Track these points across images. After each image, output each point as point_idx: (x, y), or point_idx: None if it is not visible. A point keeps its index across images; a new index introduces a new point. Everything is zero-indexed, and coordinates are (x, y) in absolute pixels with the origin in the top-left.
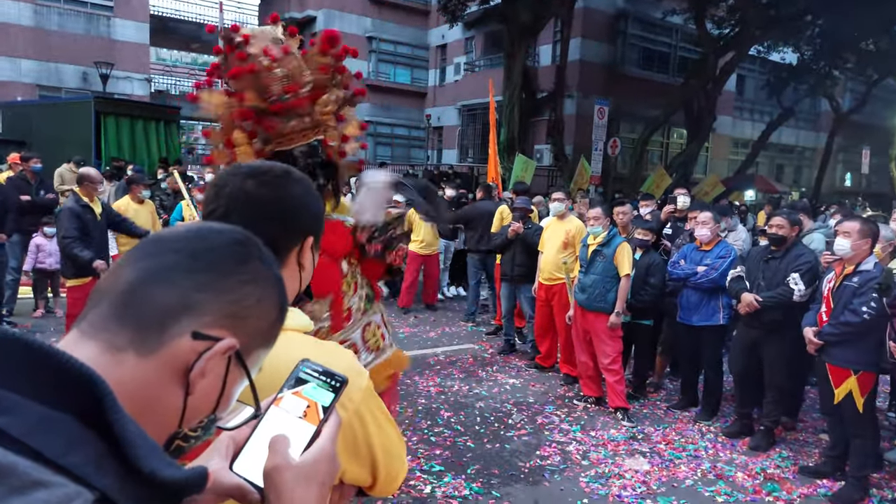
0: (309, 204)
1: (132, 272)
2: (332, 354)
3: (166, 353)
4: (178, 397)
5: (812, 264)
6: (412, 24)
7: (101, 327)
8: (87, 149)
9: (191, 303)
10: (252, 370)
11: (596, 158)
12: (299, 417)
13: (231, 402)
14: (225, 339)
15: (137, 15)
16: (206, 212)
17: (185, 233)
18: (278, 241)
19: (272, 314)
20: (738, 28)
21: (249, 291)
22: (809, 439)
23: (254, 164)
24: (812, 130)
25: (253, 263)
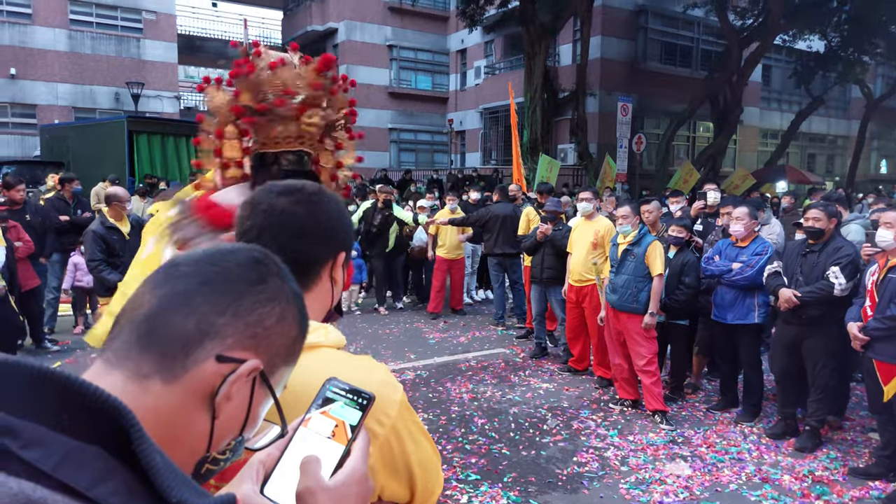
0: (341, 221)
1: (151, 299)
2: (366, 369)
3: (192, 378)
4: (205, 422)
5: (852, 257)
6: (432, 30)
7: (126, 356)
8: (121, 167)
9: (212, 326)
10: (277, 389)
11: (621, 156)
12: (328, 437)
13: (258, 422)
14: (249, 360)
15: (166, 35)
16: (241, 229)
17: (201, 256)
18: (313, 257)
19: (293, 331)
20: (762, 18)
21: (269, 310)
22: (858, 439)
23: (288, 182)
24: (843, 118)
25: (271, 281)
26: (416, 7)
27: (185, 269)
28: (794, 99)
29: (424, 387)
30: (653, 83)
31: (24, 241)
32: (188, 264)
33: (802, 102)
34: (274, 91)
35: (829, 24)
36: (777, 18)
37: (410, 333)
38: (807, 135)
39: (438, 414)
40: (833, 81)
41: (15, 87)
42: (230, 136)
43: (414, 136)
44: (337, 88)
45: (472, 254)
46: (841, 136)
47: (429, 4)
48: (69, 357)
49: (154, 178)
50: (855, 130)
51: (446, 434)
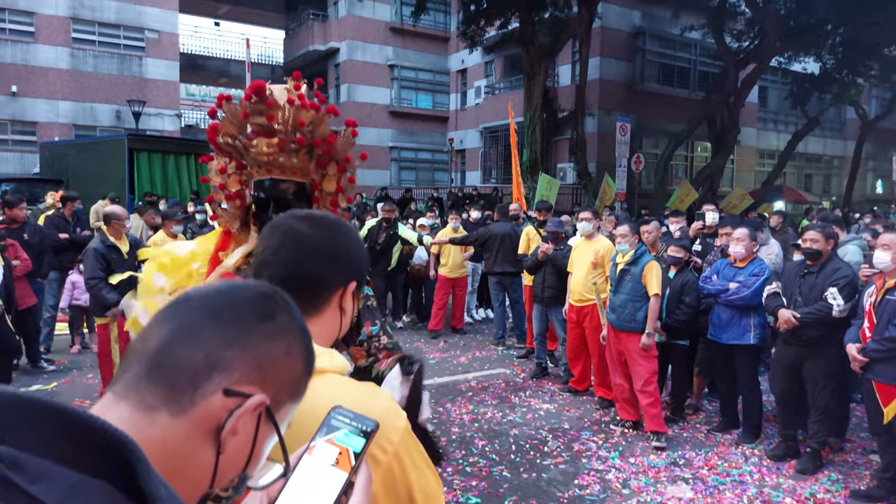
0: (356, 251)
1: (161, 332)
2: (370, 395)
3: (199, 411)
4: (210, 456)
5: (850, 278)
6: (432, 50)
7: (134, 388)
8: (121, 185)
9: (220, 360)
10: (281, 426)
11: (620, 175)
12: (332, 465)
13: (261, 459)
14: (255, 395)
15: (168, 54)
16: (260, 248)
17: (211, 290)
18: (325, 280)
19: (299, 366)
20: (758, 40)
21: (277, 345)
22: (859, 461)
23: (310, 211)
24: (839, 139)
25: (279, 317)
26: (417, 28)
27: (195, 303)
28: (791, 120)
29: None
30: (651, 104)
31: (21, 260)
32: (198, 298)
33: (799, 123)
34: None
35: (824, 46)
36: (773, 41)
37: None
38: (803, 155)
39: (438, 436)
40: (828, 103)
41: (16, 104)
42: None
43: (414, 155)
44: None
45: (473, 272)
46: (837, 156)
47: (430, 25)
48: (65, 377)
49: (154, 195)
50: (850, 151)
51: (446, 456)
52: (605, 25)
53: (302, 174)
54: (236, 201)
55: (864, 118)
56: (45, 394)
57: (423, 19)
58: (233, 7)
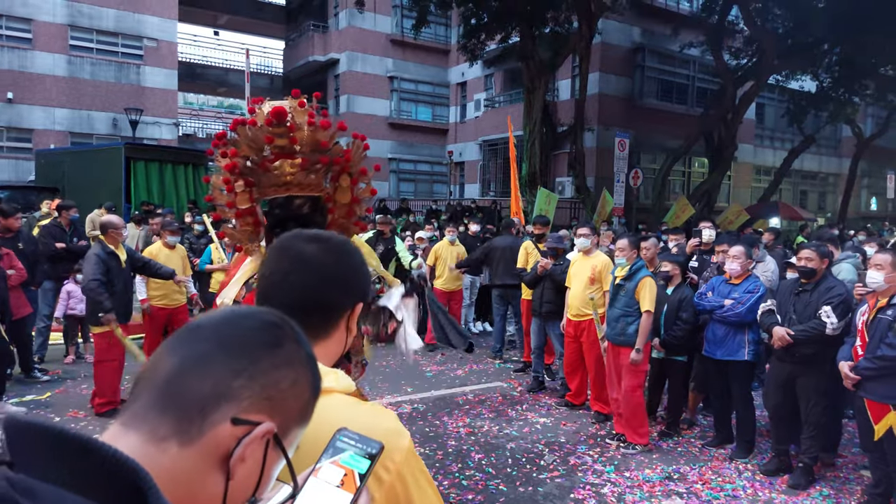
0: (364, 273)
1: (171, 362)
2: (375, 415)
3: (208, 440)
4: (219, 484)
5: (844, 296)
6: (432, 63)
7: (143, 418)
8: (117, 194)
9: (229, 389)
10: (289, 450)
11: (618, 190)
12: (337, 486)
13: (270, 483)
14: (263, 423)
15: (166, 62)
16: (267, 272)
17: (219, 320)
18: (336, 304)
19: (306, 394)
20: (756, 58)
21: (284, 374)
22: (851, 476)
23: (315, 231)
24: (835, 156)
25: (287, 346)
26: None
27: (204, 333)
28: (787, 137)
29: (421, 420)
30: (649, 119)
31: (16, 269)
32: (206, 327)
33: (795, 140)
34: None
35: (821, 65)
36: (770, 59)
37: (407, 366)
38: (799, 172)
39: (435, 449)
40: (824, 121)
41: (12, 111)
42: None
43: (413, 167)
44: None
45: (471, 285)
46: (832, 173)
47: (430, 38)
48: (59, 387)
49: (151, 205)
50: (846, 168)
51: (443, 469)
52: (605, 41)
53: (317, 189)
54: (247, 218)
55: (859, 136)
56: (38, 404)
57: (423, 32)
58: (232, 17)
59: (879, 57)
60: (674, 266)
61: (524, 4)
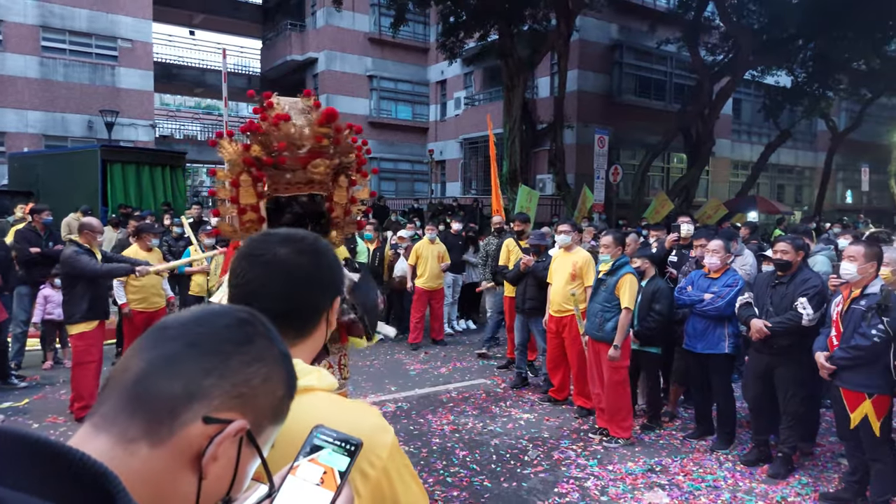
0: (338, 267)
1: (139, 363)
2: (359, 413)
3: (178, 440)
4: (191, 484)
5: (819, 288)
6: (412, 61)
7: (113, 420)
8: (93, 197)
9: (199, 388)
10: (264, 448)
11: (598, 186)
12: (316, 484)
13: (245, 482)
14: (235, 420)
15: (141, 63)
16: (241, 280)
17: (188, 318)
18: (317, 305)
19: (280, 391)
20: (732, 54)
21: (255, 371)
22: (828, 464)
23: (287, 231)
24: (810, 150)
25: (258, 342)
26: (396, 39)
27: (173, 332)
28: (764, 132)
29: (405, 419)
30: (628, 116)
31: None
32: (175, 327)
33: (771, 135)
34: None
35: (796, 60)
36: (746, 55)
37: (391, 365)
38: (776, 166)
39: (420, 446)
40: (800, 115)
41: None
42: (245, 183)
43: (394, 166)
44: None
45: (453, 283)
46: (808, 167)
47: (409, 36)
48: (37, 393)
49: (128, 208)
50: (821, 162)
51: (427, 467)
52: (583, 38)
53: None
54: (251, 214)
55: (833, 130)
56: (16, 410)
57: (402, 30)
58: (208, 16)
59: (852, 52)
60: (644, 261)
61: (502, 2)
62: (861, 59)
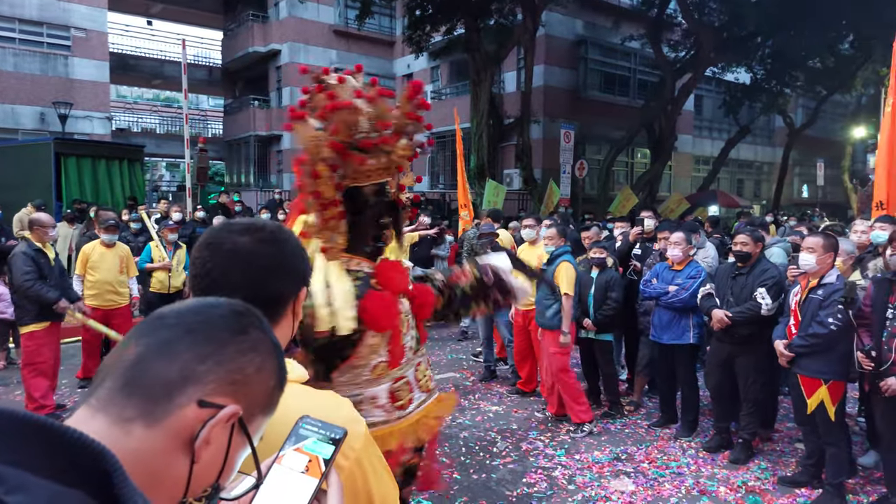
0: (303, 256)
1: (136, 348)
2: (333, 403)
3: (173, 422)
4: (184, 466)
5: (777, 278)
6: (377, 54)
7: (109, 401)
8: (47, 191)
9: (194, 373)
10: (254, 437)
11: (564, 181)
12: (301, 472)
13: (234, 469)
14: (229, 405)
15: (96, 53)
16: (202, 270)
17: (185, 308)
18: (282, 294)
19: (272, 381)
20: (693, 51)
21: (250, 360)
22: (786, 449)
23: (245, 221)
24: (769, 146)
25: (253, 333)
26: (361, 31)
27: (169, 321)
28: (724, 127)
29: None
30: (593, 111)
31: None
32: (172, 316)
33: (731, 131)
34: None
35: (755, 57)
36: (707, 52)
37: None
38: (736, 161)
39: None
40: (758, 111)
41: None
42: (324, 174)
43: None
44: (421, 117)
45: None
46: (767, 162)
47: (375, 29)
48: None
49: (83, 203)
50: (779, 157)
51: None
52: (549, 33)
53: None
54: (332, 210)
55: (791, 126)
56: None
57: (367, 23)
58: (166, 6)
59: (808, 50)
60: (608, 253)
61: None
62: (816, 57)
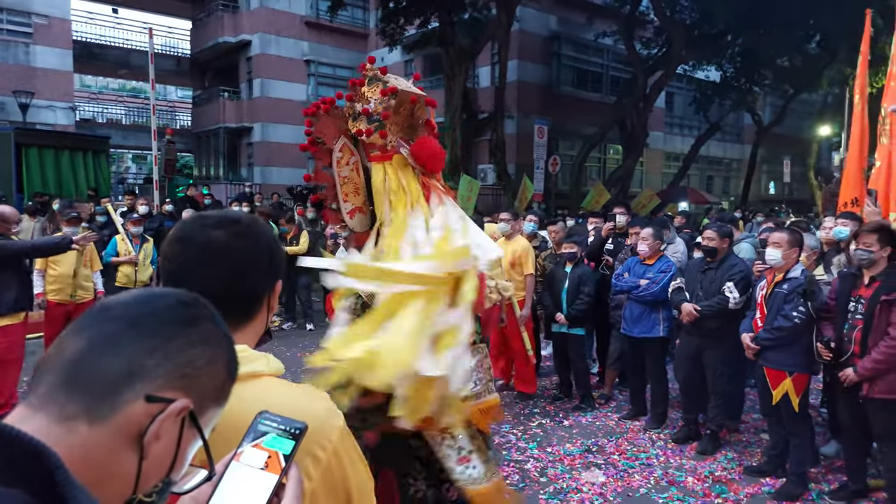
0: (278, 250)
1: (78, 342)
2: (309, 397)
3: (119, 418)
4: (132, 463)
5: (745, 273)
6: (351, 47)
7: (50, 398)
8: (7, 183)
9: (141, 368)
10: (205, 430)
11: (538, 176)
12: (261, 469)
13: (185, 463)
14: (179, 400)
15: (59, 41)
16: (173, 266)
17: (129, 299)
18: (258, 290)
19: (223, 373)
20: (665, 48)
21: (199, 353)
22: (752, 440)
23: (218, 213)
24: (738, 143)
25: (202, 324)
26: (334, 23)
27: (113, 313)
28: (694, 125)
29: None
30: (567, 107)
31: None
32: (116, 308)
33: (701, 128)
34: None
35: (724, 55)
36: (678, 49)
37: None
38: (706, 158)
39: None
40: (728, 109)
41: None
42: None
43: None
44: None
45: None
46: (735, 159)
47: (348, 21)
48: None
49: (45, 195)
50: (747, 154)
51: None
52: (524, 29)
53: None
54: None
55: (759, 124)
56: None
57: (340, 15)
58: None
59: (776, 48)
60: (579, 248)
61: None
62: (784, 56)
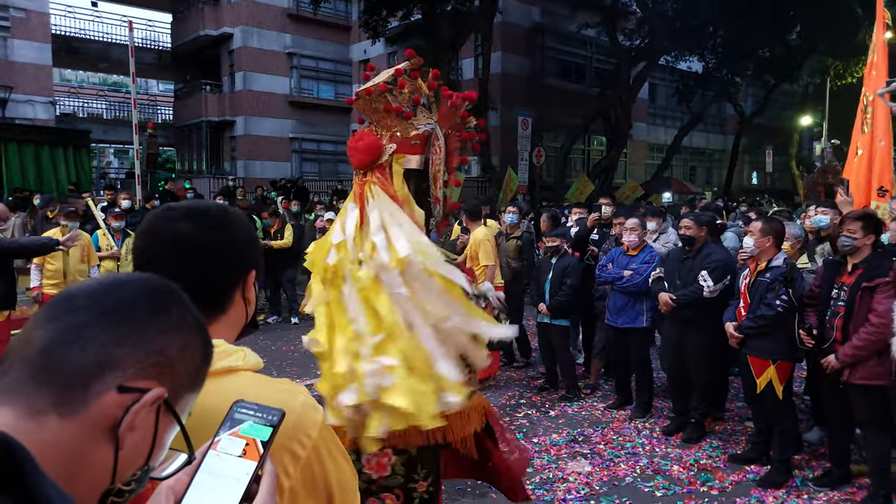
0: (251, 240)
1: (45, 333)
2: (288, 391)
3: (92, 411)
4: (108, 454)
5: (722, 262)
6: (333, 39)
7: (18, 392)
8: None
9: (112, 358)
10: (182, 416)
11: (522, 168)
12: (238, 456)
13: (164, 450)
14: (153, 389)
15: (37, 35)
16: (142, 260)
17: (96, 287)
18: (228, 281)
19: (197, 359)
20: (647, 39)
21: (171, 339)
22: (736, 428)
23: (187, 205)
24: (720, 134)
25: (173, 310)
26: (316, 15)
27: (79, 302)
28: (677, 115)
29: None
30: (551, 98)
31: None
32: (83, 296)
33: (684, 119)
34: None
35: (706, 46)
36: (661, 40)
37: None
38: (688, 149)
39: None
40: (710, 100)
41: None
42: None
43: (317, 147)
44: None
45: None
46: (718, 150)
47: (330, 13)
48: None
49: (25, 191)
50: (730, 145)
51: None
52: (507, 20)
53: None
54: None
55: (741, 115)
56: None
57: (322, 7)
58: None
59: (757, 39)
60: (562, 241)
61: None
62: (766, 46)
